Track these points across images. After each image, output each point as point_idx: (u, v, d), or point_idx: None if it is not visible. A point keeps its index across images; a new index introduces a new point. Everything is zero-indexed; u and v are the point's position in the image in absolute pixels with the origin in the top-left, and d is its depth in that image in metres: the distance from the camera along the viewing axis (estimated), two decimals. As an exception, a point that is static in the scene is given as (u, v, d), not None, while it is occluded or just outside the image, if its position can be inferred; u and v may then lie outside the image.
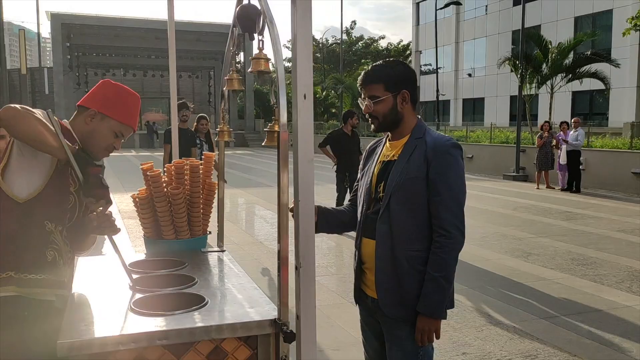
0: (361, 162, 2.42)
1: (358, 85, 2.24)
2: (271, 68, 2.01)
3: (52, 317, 1.88)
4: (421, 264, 2.14)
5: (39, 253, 1.90)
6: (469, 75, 39.74)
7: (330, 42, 49.75)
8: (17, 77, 30.83)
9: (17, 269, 1.86)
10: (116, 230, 2.12)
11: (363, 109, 2.22)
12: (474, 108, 39.54)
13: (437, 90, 31.77)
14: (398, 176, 2.15)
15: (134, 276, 2.20)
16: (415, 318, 2.15)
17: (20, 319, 1.85)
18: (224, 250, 2.78)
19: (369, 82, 2.20)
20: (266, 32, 1.86)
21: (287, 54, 34.35)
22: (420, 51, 35.78)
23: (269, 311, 1.87)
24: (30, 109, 1.89)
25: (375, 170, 2.27)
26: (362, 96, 2.23)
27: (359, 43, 52.03)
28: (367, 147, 2.42)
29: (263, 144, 1.89)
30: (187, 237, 2.72)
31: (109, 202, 1.97)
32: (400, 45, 51.76)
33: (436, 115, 33.25)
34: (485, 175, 17.39)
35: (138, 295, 2.04)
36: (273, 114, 1.77)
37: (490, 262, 6.69)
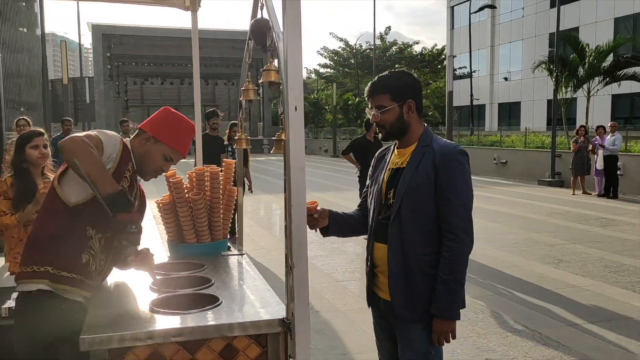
0: (370, 169, 2.49)
1: (365, 95, 2.32)
2: None
3: (77, 314, 2.02)
4: (430, 267, 2.20)
5: (76, 254, 2.08)
6: (505, 79, 39.11)
7: (363, 47, 49.66)
8: (60, 87, 31.92)
9: (54, 265, 2.04)
10: (153, 269, 2.30)
11: (370, 118, 2.30)
12: (509, 112, 38.87)
13: (471, 95, 31.36)
14: (407, 183, 2.22)
15: (156, 277, 2.33)
16: (426, 319, 2.22)
17: (49, 310, 2.01)
18: (243, 254, 2.88)
19: (376, 92, 2.28)
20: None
21: (319, 60, 34.45)
22: (455, 55, 35.40)
23: (279, 311, 1.96)
24: (91, 141, 2.00)
25: (385, 177, 2.34)
26: (370, 106, 2.31)
27: (393, 48, 51.71)
28: (376, 155, 2.50)
29: (271, 152, 1.99)
30: (208, 241, 2.84)
31: (136, 244, 2.09)
32: (434, 50, 51.23)
33: (470, 120, 32.82)
34: (519, 181, 17.12)
35: (158, 295, 2.16)
36: (281, 123, 1.87)
37: (519, 268, 6.63)
